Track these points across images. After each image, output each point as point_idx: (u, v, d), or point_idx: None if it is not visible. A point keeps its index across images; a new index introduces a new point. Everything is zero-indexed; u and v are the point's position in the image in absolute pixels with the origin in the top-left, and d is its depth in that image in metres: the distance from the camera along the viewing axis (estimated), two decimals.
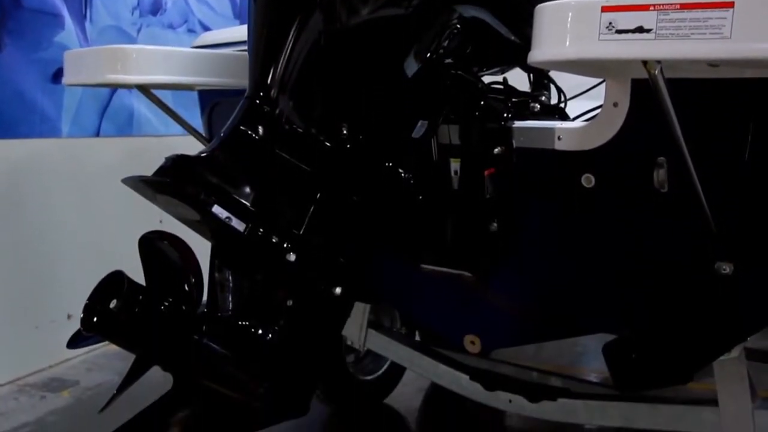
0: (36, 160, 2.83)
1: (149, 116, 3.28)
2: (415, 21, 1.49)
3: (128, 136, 3.24)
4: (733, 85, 1.26)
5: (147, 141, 3.26)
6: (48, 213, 2.86)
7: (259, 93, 1.41)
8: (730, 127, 1.30)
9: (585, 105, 1.69)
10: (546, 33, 1.08)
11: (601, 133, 1.39)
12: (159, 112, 2.08)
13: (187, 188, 1.30)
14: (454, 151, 1.57)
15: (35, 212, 2.81)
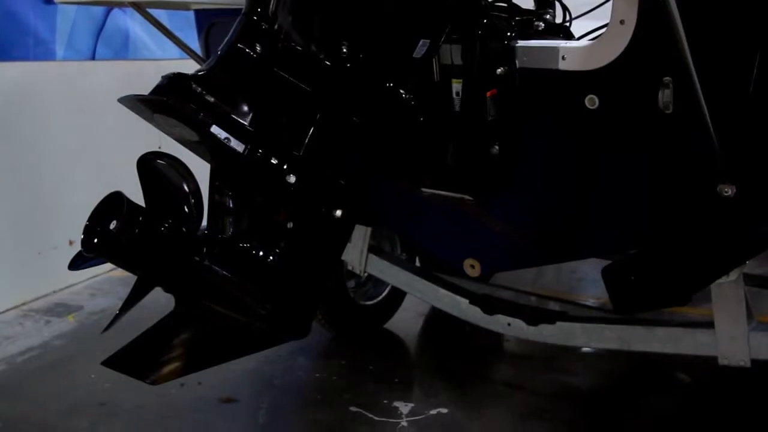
0: (31, 83, 2.79)
1: (145, 39, 3.22)
2: None
3: (124, 59, 3.19)
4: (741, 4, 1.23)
5: (143, 64, 3.21)
6: (46, 137, 2.83)
7: (256, 9, 1.37)
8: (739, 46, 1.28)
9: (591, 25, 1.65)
10: None
11: (607, 52, 1.36)
12: (155, 34, 2.04)
13: (185, 107, 1.28)
14: (455, 72, 1.54)
15: (33, 136, 2.78)
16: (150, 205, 1.34)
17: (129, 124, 1.61)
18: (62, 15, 2.89)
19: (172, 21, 2.54)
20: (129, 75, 3.09)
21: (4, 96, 2.69)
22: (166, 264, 1.33)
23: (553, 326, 1.81)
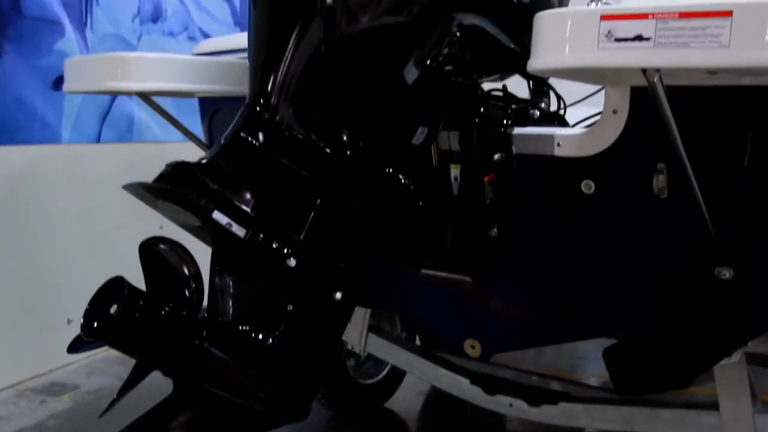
0: (37, 166, 2.84)
1: (149, 122, 3.29)
2: (415, 28, 1.50)
3: (129, 142, 3.24)
4: (731, 92, 1.27)
5: (147, 147, 3.27)
6: (49, 218, 2.86)
7: (259, 100, 1.41)
8: (729, 133, 1.31)
9: (584, 112, 1.70)
10: (545, 41, 1.09)
11: (601, 139, 1.40)
12: (159, 118, 2.09)
13: (188, 194, 1.31)
14: (454, 158, 1.57)
15: (36, 218, 2.81)
16: (151, 289, 1.36)
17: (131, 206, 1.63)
18: (69, 100, 2.96)
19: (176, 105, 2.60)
20: (133, 158, 3.14)
21: (9, 178, 2.73)
22: (165, 348, 1.33)
23: (556, 407, 1.79)
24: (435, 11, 1.51)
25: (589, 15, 1.04)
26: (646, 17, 1.02)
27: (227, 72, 1.87)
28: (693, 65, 1.00)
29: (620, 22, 1.03)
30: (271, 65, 1.45)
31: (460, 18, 1.53)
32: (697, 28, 0.99)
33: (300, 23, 1.44)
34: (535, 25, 1.12)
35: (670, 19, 1.00)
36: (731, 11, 0.97)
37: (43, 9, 2.85)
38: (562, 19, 1.07)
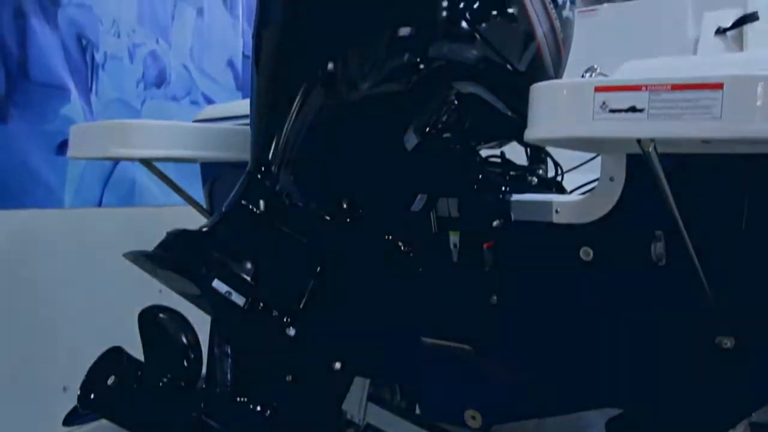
0: (38, 231, 2.84)
1: (151, 186, 3.31)
2: (414, 96, 1.52)
3: (130, 206, 3.26)
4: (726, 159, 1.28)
5: (148, 211, 3.28)
6: (48, 283, 2.85)
7: (260, 168, 1.43)
8: (726, 200, 1.32)
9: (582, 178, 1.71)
10: (541, 112, 1.11)
11: (598, 206, 1.40)
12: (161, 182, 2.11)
13: (187, 263, 1.31)
14: (453, 224, 1.58)
15: (35, 282, 2.80)
16: (149, 359, 1.35)
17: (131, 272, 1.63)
18: (72, 164, 2.99)
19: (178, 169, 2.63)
20: (134, 222, 3.15)
21: (10, 242, 2.74)
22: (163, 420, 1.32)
23: None
24: (433, 80, 1.54)
25: (584, 86, 1.06)
26: (640, 89, 1.03)
27: (228, 139, 1.90)
28: (686, 136, 1.01)
29: (614, 94, 1.05)
30: (271, 133, 1.47)
31: (458, 86, 1.56)
32: (689, 100, 1.00)
33: (301, 90, 1.47)
34: (531, 95, 1.14)
35: (662, 91, 1.02)
36: (722, 84, 0.98)
37: (50, 75, 2.90)
38: (558, 91, 1.09)
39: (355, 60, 1.48)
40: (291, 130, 1.45)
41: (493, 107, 1.62)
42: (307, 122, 1.46)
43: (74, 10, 2.98)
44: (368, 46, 1.47)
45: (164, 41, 3.45)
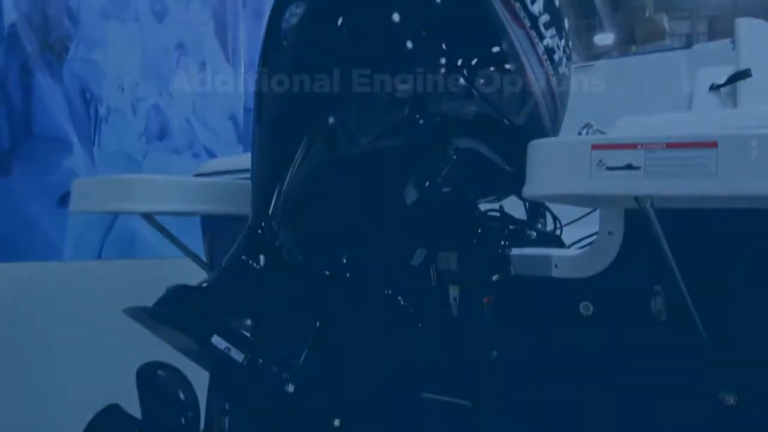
0: (37, 284, 2.84)
1: (151, 238, 3.32)
2: (413, 151, 1.54)
3: (130, 258, 3.26)
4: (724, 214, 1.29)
5: (149, 263, 3.28)
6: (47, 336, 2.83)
7: (260, 222, 1.44)
8: (724, 255, 1.32)
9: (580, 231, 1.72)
10: (539, 169, 1.12)
11: (598, 261, 1.41)
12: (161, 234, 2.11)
13: (187, 319, 1.31)
14: (453, 278, 1.58)
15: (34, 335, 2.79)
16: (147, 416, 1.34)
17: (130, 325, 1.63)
18: (73, 216, 3.00)
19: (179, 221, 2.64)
20: (134, 275, 3.15)
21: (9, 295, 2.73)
22: None
23: None
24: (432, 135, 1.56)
25: (581, 144, 1.08)
26: (635, 147, 1.05)
27: (229, 193, 1.91)
28: (683, 194, 1.02)
29: (610, 152, 1.06)
30: (272, 187, 1.48)
31: (456, 142, 1.58)
32: (684, 158, 1.02)
33: (301, 145, 1.48)
34: (528, 153, 1.15)
35: (658, 149, 1.03)
36: (716, 142, 1.00)
37: (54, 128, 2.94)
38: (555, 149, 1.11)
39: (355, 115, 1.50)
40: (291, 184, 1.46)
41: (491, 162, 1.63)
42: (307, 177, 1.47)
43: (79, 64, 3.04)
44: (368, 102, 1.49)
45: (167, 94, 3.50)
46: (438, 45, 1.48)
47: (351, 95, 1.48)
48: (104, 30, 3.14)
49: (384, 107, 1.50)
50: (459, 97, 1.51)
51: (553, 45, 1.58)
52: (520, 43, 1.51)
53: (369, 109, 1.49)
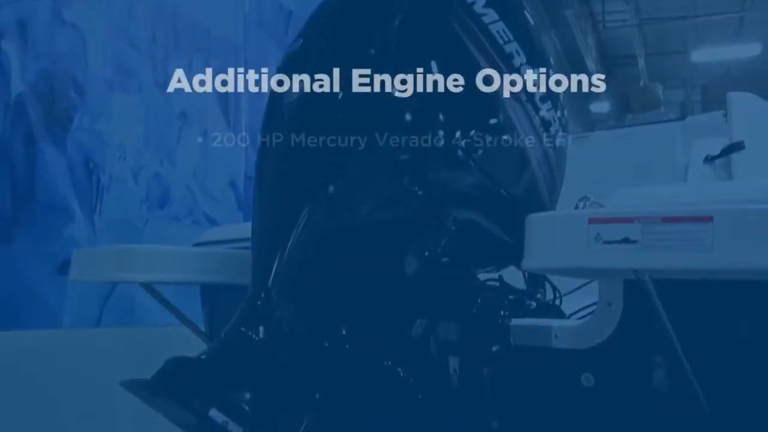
0: (35, 352, 2.82)
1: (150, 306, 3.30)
2: (412, 222, 1.55)
3: (128, 326, 3.25)
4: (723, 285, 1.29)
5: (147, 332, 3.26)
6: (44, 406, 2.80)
7: (260, 294, 1.44)
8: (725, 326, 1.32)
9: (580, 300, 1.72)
10: (537, 242, 1.13)
11: (598, 332, 1.40)
12: None
13: (184, 392, 1.30)
14: (452, 349, 1.57)
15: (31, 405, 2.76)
16: None
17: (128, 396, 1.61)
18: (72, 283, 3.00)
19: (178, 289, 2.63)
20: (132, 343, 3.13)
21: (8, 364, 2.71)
22: None
23: None
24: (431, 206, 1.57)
25: (578, 218, 1.09)
26: (632, 221, 1.06)
27: (229, 263, 1.92)
28: (680, 268, 1.03)
29: (608, 225, 1.08)
30: (272, 258, 1.49)
31: (455, 213, 1.59)
32: (681, 232, 1.03)
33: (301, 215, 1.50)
34: (526, 226, 1.16)
35: (655, 223, 1.05)
36: (712, 216, 1.01)
37: (56, 196, 2.97)
38: (553, 222, 1.12)
39: (355, 186, 1.52)
40: (290, 254, 1.47)
41: (490, 233, 1.65)
42: (306, 247, 1.48)
43: (83, 134, 3.09)
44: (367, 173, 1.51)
45: (169, 163, 3.54)
46: (436, 117, 1.51)
47: (351, 166, 1.51)
48: (109, 100, 3.21)
49: (383, 178, 1.52)
50: (457, 168, 1.53)
51: (549, 118, 1.61)
52: (516, 116, 1.55)
53: (369, 180, 1.51)
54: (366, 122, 1.51)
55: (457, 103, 1.52)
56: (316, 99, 1.51)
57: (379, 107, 1.50)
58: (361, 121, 1.51)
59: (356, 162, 1.51)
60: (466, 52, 1.52)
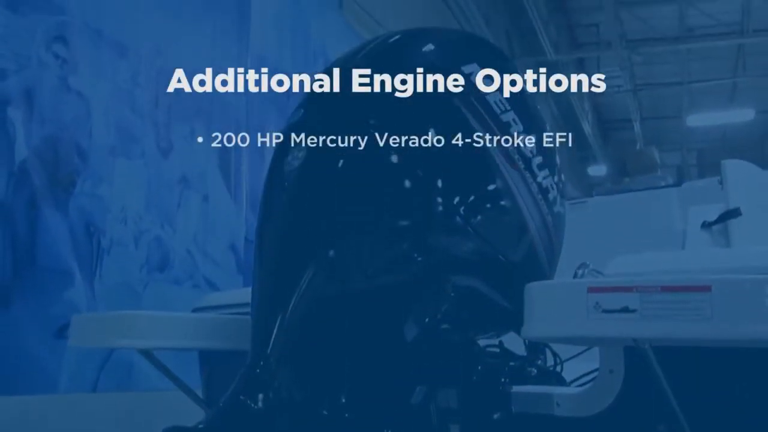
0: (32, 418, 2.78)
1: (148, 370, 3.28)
2: (412, 288, 1.55)
3: (125, 391, 3.21)
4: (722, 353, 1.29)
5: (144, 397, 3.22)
6: None
7: (259, 362, 1.43)
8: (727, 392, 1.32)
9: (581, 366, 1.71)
10: (536, 311, 1.14)
11: (599, 399, 1.40)
12: None
13: None
14: (453, 416, 1.56)
15: None
16: None
17: None
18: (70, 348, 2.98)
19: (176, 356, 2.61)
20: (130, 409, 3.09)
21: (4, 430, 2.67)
22: None
23: None
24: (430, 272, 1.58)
25: (577, 288, 1.10)
26: (631, 290, 1.07)
27: (227, 329, 1.91)
28: (679, 337, 1.03)
29: (607, 295, 1.08)
30: (272, 324, 1.48)
31: (455, 279, 1.60)
32: (679, 302, 1.04)
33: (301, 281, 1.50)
34: (525, 295, 1.17)
35: (653, 292, 1.05)
36: (710, 286, 1.02)
37: (56, 260, 2.97)
38: (552, 292, 1.13)
39: (354, 252, 1.53)
40: (291, 321, 1.47)
41: (490, 299, 1.65)
42: (306, 314, 1.48)
43: (85, 199, 3.11)
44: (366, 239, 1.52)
45: (170, 227, 3.56)
46: (434, 184, 1.53)
47: (350, 233, 1.52)
48: (111, 165, 3.24)
49: (382, 244, 1.53)
50: (456, 234, 1.55)
51: (547, 185, 1.63)
52: (514, 184, 1.57)
53: (368, 247, 1.52)
54: (365, 189, 1.53)
55: (455, 170, 1.54)
56: (317, 167, 1.53)
57: (378, 173, 1.52)
58: (360, 187, 1.53)
59: (356, 227, 1.52)
60: (463, 121, 1.55)
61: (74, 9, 3.09)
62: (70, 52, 3.06)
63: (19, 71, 2.85)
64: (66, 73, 3.05)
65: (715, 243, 2.25)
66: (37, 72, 2.92)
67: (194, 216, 3.74)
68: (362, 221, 1.52)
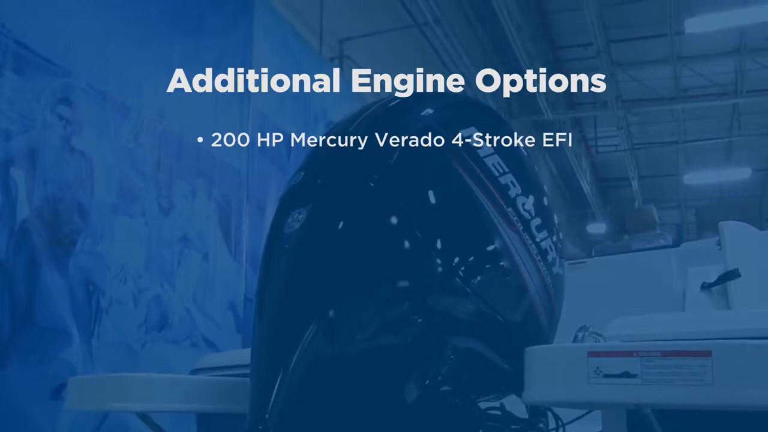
0: None
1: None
2: (411, 349, 1.55)
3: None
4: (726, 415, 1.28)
5: None
6: None
7: (258, 426, 1.42)
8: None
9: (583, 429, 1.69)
10: (537, 376, 1.13)
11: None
12: None
13: None
14: None
15: None
16: None
17: None
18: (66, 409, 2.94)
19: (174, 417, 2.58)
20: None
21: None
22: None
23: None
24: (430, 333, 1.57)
25: (577, 352, 1.10)
26: (631, 355, 1.07)
27: (225, 391, 1.90)
28: (680, 402, 1.03)
29: (607, 359, 1.08)
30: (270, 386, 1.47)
31: (455, 341, 1.59)
32: (680, 366, 1.03)
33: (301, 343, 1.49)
34: (526, 359, 1.17)
35: (654, 357, 1.05)
36: (710, 351, 1.02)
37: (54, 319, 2.95)
38: (552, 356, 1.12)
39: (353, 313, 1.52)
40: (290, 382, 1.46)
41: (490, 361, 1.64)
42: (306, 374, 1.47)
43: (85, 257, 3.12)
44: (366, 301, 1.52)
45: (169, 285, 3.56)
46: (433, 247, 1.54)
47: (350, 294, 1.52)
48: (112, 224, 3.26)
49: (381, 306, 1.53)
50: (455, 296, 1.55)
51: (546, 246, 1.64)
52: (513, 245, 1.58)
53: (367, 308, 1.52)
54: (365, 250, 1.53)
55: (454, 231, 1.55)
56: (317, 229, 1.54)
57: (378, 236, 1.53)
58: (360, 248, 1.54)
59: (356, 288, 1.52)
60: (462, 183, 1.57)
61: (80, 71, 3.15)
62: (74, 113, 3.11)
63: (23, 132, 2.88)
64: (69, 134, 3.09)
65: (714, 304, 2.25)
66: (42, 133, 2.96)
67: (194, 274, 3.74)
68: (362, 283, 1.52)
